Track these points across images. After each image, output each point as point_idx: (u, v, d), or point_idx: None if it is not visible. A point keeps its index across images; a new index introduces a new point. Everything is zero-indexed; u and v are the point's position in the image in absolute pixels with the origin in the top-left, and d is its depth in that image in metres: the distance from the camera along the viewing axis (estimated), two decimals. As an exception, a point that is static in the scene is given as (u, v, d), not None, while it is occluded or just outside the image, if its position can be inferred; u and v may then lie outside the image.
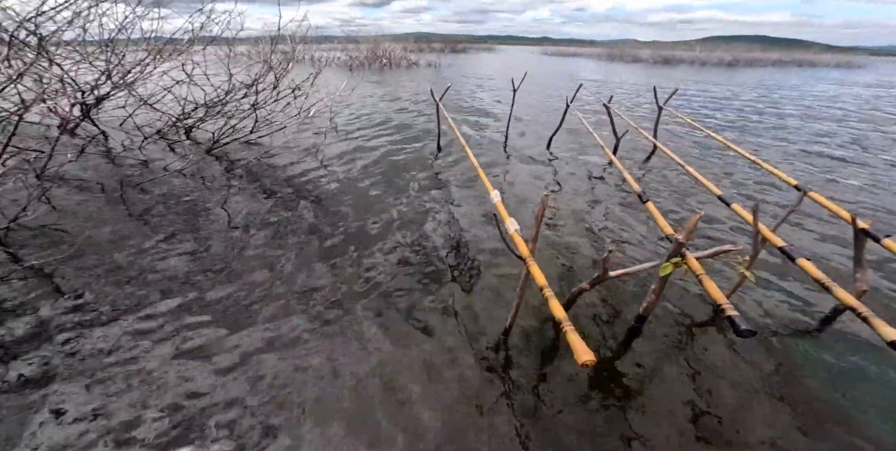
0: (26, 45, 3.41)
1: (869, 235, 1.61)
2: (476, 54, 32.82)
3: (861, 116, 7.34)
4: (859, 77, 18.08)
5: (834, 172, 3.98)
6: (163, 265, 2.10)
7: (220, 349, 1.56)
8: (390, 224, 2.68)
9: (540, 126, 5.90)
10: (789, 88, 12.15)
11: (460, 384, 1.44)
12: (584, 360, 1.08)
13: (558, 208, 2.99)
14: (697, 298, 1.93)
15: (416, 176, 3.66)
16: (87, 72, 4.12)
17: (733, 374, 1.52)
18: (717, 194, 2.10)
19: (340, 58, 16.42)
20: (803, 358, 1.61)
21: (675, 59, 25.74)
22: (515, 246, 1.54)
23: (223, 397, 1.37)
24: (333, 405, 1.35)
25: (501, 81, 11.99)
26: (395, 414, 1.32)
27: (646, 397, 1.42)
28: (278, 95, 4.48)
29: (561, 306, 1.26)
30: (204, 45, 4.59)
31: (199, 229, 2.52)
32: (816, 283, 1.48)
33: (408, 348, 1.60)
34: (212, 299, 1.85)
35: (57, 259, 2.10)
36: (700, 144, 5.04)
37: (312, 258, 2.22)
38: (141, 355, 1.52)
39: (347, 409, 1.34)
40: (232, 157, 4.04)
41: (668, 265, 1.54)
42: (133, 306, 1.79)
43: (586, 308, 1.85)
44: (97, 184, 3.15)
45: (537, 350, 1.61)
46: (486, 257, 2.28)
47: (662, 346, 1.66)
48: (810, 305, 1.91)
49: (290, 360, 1.53)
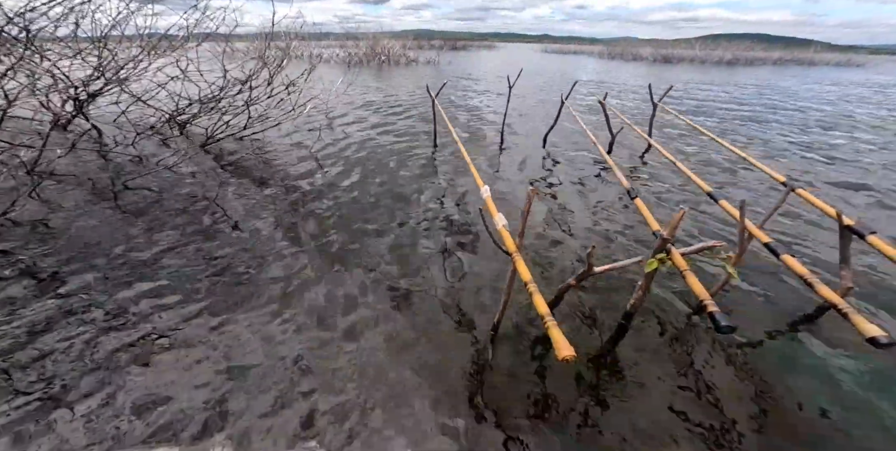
0: (17, 41, 3.39)
1: (854, 231, 1.61)
2: (476, 52, 32.69)
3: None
4: (854, 76, 18.09)
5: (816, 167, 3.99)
6: (153, 258, 2.10)
7: (209, 337, 1.56)
8: (382, 217, 2.68)
9: (536, 123, 5.89)
10: (780, 90, 12.14)
11: (444, 382, 1.44)
12: (564, 355, 1.08)
13: (549, 205, 3.00)
14: (687, 295, 1.94)
15: (409, 171, 3.65)
16: (79, 68, 4.10)
17: (717, 372, 1.53)
18: (706, 191, 2.10)
19: (339, 55, 16.36)
20: (785, 356, 1.62)
21: (675, 57, 25.67)
22: (503, 241, 1.54)
23: (219, 391, 1.37)
24: (327, 400, 1.35)
25: (499, 79, 11.96)
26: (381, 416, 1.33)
27: (631, 394, 1.42)
28: (272, 92, 4.47)
29: (544, 302, 1.26)
30: (199, 42, 4.57)
31: (192, 222, 2.52)
32: (800, 279, 1.48)
33: (393, 341, 1.60)
34: (203, 291, 1.85)
35: (44, 254, 2.10)
36: (692, 142, 5.04)
37: (304, 251, 2.22)
38: (123, 347, 1.52)
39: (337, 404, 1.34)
40: (226, 152, 4.03)
41: (654, 261, 1.54)
42: (121, 298, 1.79)
43: (575, 306, 1.86)
44: (88, 179, 3.14)
45: (525, 347, 1.62)
46: (477, 253, 2.28)
47: (649, 343, 1.66)
48: (797, 302, 1.91)
49: (279, 352, 1.53)
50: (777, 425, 1.33)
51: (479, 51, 34.85)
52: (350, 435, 1.24)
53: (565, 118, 5.61)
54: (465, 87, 10.05)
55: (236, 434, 1.23)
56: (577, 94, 8.95)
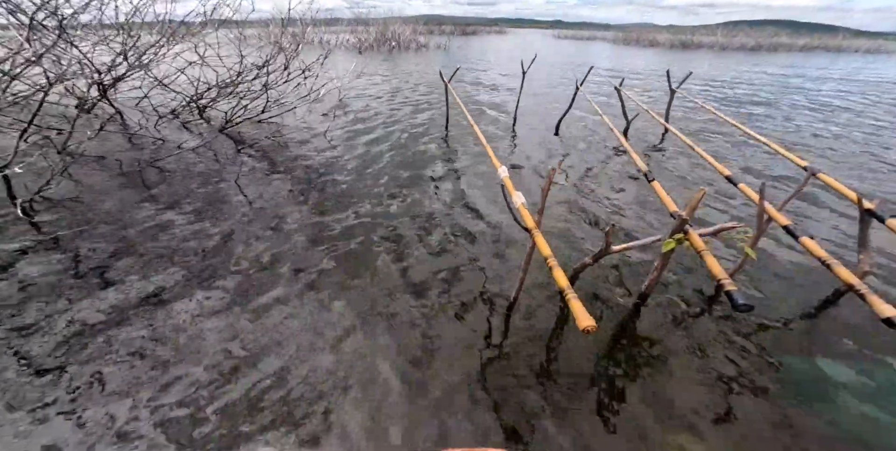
0: (45, 28, 3.48)
1: (874, 215, 1.62)
2: (487, 37, 32.06)
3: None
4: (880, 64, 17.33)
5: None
6: (180, 236, 2.19)
7: (230, 314, 1.65)
8: (396, 199, 2.73)
9: (549, 108, 5.84)
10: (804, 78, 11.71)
11: (464, 359, 1.50)
12: (585, 325, 1.12)
13: (566, 187, 3.02)
14: (703, 276, 1.96)
15: (424, 153, 3.70)
16: (103, 53, 4.19)
17: (734, 354, 1.55)
18: (725, 175, 2.10)
19: (350, 40, 16.23)
20: (803, 339, 1.63)
21: (694, 44, 24.85)
22: (522, 218, 1.58)
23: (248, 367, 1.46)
24: (342, 380, 1.43)
25: (510, 64, 11.77)
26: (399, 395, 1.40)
27: (647, 373, 1.44)
28: (289, 76, 4.52)
29: (564, 275, 1.31)
30: (216, 28, 4.62)
31: (213, 202, 2.61)
32: (818, 261, 1.50)
33: (410, 316, 1.67)
34: (225, 269, 1.93)
35: (75, 230, 2.20)
36: (713, 128, 4.96)
37: (319, 231, 2.29)
38: (151, 323, 1.62)
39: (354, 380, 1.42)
40: (245, 136, 4.11)
41: (671, 241, 1.57)
42: (147, 275, 1.89)
43: (591, 286, 1.89)
44: (116, 160, 3.25)
45: (542, 323, 1.66)
46: (495, 231, 2.32)
47: (664, 323, 1.69)
48: (816, 285, 1.92)
49: (295, 332, 1.60)
50: (793, 408, 1.34)
51: (489, 36, 34.16)
52: (360, 407, 1.32)
53: (579, 106, 5.55)
54: (477, 72, 9.92)
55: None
56: (590, 82, 8.78)
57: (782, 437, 1.23)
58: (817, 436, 1.24)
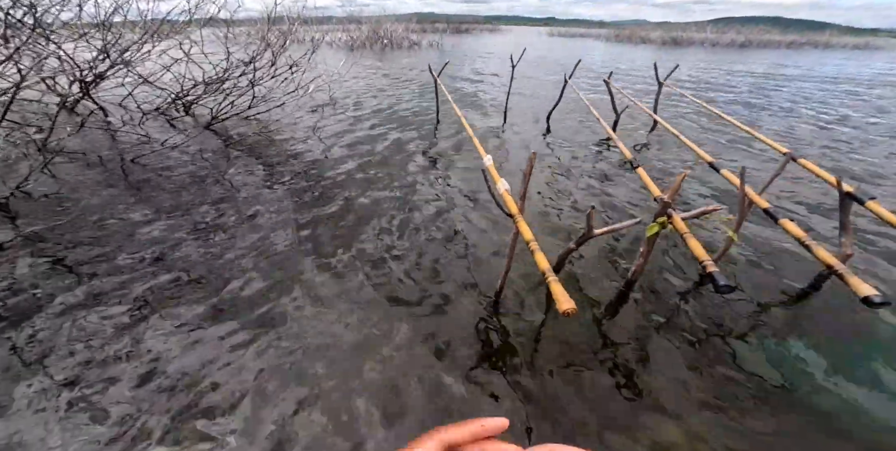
0: (23, 24, 3.41)
1: (854, 198, 1.63)
2: (480, 35, 32.04)
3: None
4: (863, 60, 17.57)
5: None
6: (160, 233, 2.16)
7: (209, 310, 1.63)
8: (385, 191, 2.72)
9: (539, 101, 5.86)
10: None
11: (446, 345, 1.49)
12: (565, 308, 1.11)
13: (551, 174, 3.04)
14: (690, 261, 1.96)
15: (413, 148, 3.68)
16: (84, 50, 4.12)
17: (719, 338, 1.55)
18: (707, 161, 2.11)
19: (342, 38, 16.13)
20: (787, 321, 1.65)
21: (685, 40, 25.02)
22: (506, 204, 1.57)
23: (222, 362, 1.44)
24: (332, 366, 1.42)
25: (502, 61, 11.76)
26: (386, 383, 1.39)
27: (632, 359, 1.44)
28: (276, 72, 4.47)
29: (545, 258, 1.30)
30: (201, 25, 4.56)
31: (199, 199, 2.57)
32: (798, 242, 1.51)
33: (397, 306, 1.66)
34: (209, 264, 1.91)
35: (52, 226, 2.16)
36: (697, 119, 5.01)
37: (307, 226, 2.27)
38: (126, 321, 1.59)
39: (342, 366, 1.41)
40: (231, 132, 4.06)
41: (655, 225, 1.58)
42: (122, 270, 1.85)
43: (577, 273, 1.89)
44: (97, 157, 3.20)
45: (528, 309, 1.66)
46: (480, 219, 2.32)
47: (651, 308, 1.69)
48: (798, 269, 1.93)
49: (281, 327, 1.58)
50: (780, 389, 1.35)
51: (482, 34, 34.15)
52: (349, 395, 1.30)
53: (570, 102, 5.56)
54: (468, 69, 9.91)
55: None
56: (582, 78, 8.81)
57: (764, 418, 1.24)
58: (797, 416, 1.25)
